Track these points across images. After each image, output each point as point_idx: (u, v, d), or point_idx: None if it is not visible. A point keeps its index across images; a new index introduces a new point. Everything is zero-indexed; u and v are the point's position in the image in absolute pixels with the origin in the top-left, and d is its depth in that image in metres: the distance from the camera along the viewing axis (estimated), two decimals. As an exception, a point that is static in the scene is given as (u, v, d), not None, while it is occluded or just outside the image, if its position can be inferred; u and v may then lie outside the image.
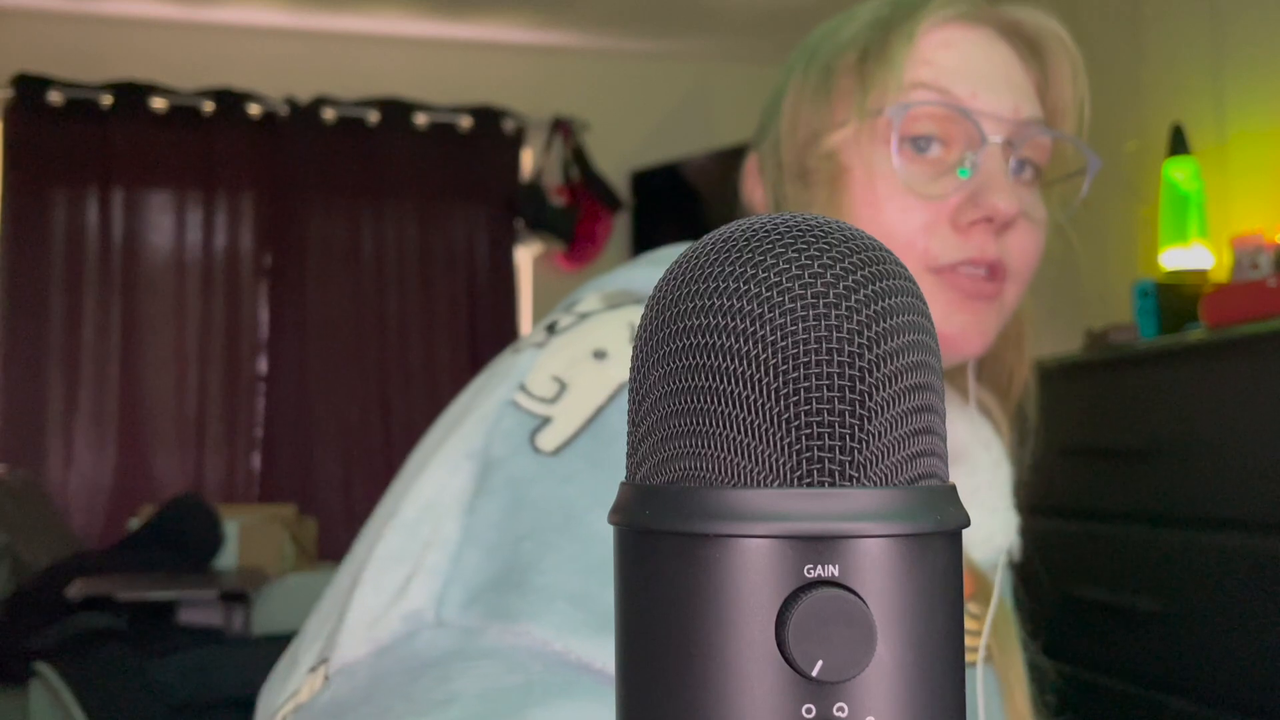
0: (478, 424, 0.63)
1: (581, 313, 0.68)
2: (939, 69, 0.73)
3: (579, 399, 0.62)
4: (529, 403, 0.63)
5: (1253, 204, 2.50)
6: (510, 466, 0.60)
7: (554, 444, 0.61)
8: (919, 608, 0.24)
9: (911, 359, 0.25)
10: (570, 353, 0.65)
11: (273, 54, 4.29)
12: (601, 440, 0.61)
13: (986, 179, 0.72)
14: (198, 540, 3.28)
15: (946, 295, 0.72)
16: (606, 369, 0.63)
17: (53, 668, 2.19)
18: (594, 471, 0.60)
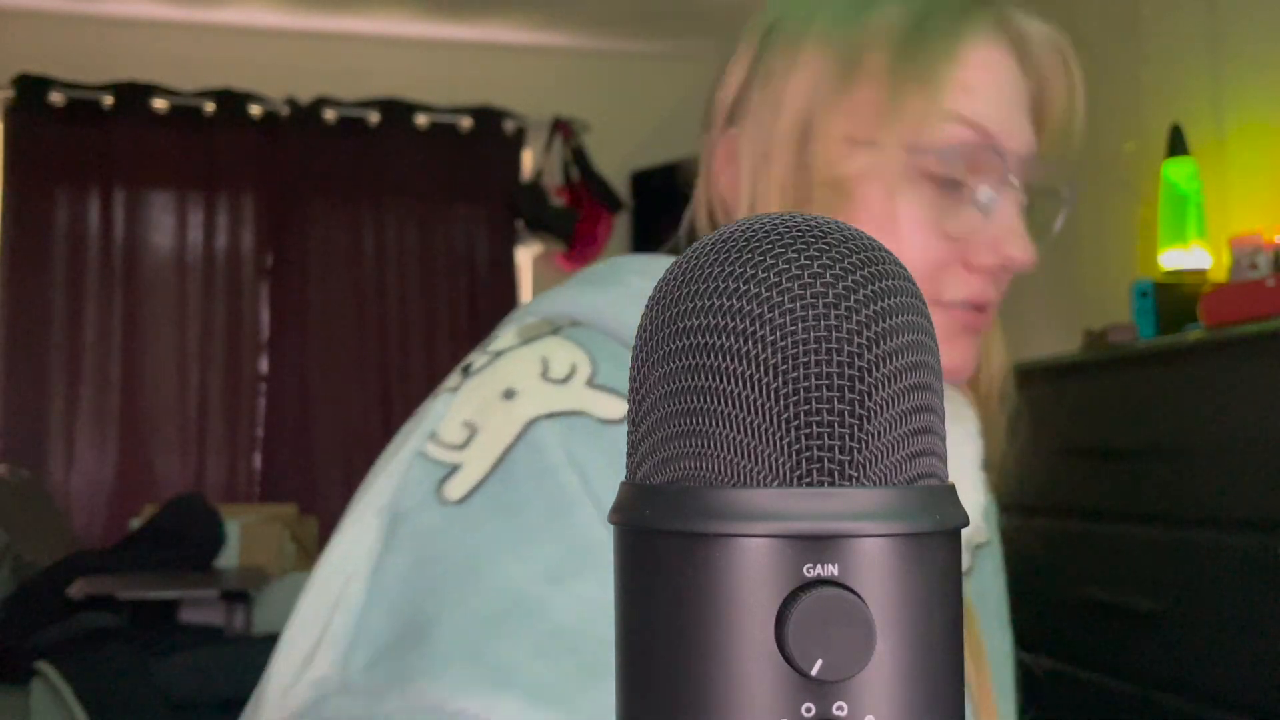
0: (388, 478, 0.63)
1: (496, 351, 0.66)
2: (977, 99, 0.69)
3: (487, 442, 0.61)
4: (438, 451, 0.62)
5: (1251, 204, 2.50)
6: (416, 519, 0.60)
7: (461, 492, 0.60)
8: (918, 607, 0.24)
9: (911, 359, 0.25)
10: (481, 395, 0.64)
11: (274, 55, 4.29)
12: (508, 482, 0.59)
13: (1005, 222, 0.70)
14: (198, 540, 3.28)
15: (944, 329, 0.71)
16: (514, 408, 0.62)
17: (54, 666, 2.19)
18: (499, 517, 0.58)
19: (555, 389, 0.62)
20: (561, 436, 0.60)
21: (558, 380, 0.63)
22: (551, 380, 0.63)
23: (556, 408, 0.61)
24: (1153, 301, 2.24)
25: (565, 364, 0.64)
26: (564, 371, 0.63)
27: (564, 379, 0.63)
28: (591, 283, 0.72)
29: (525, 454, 0.60)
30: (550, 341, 0.65)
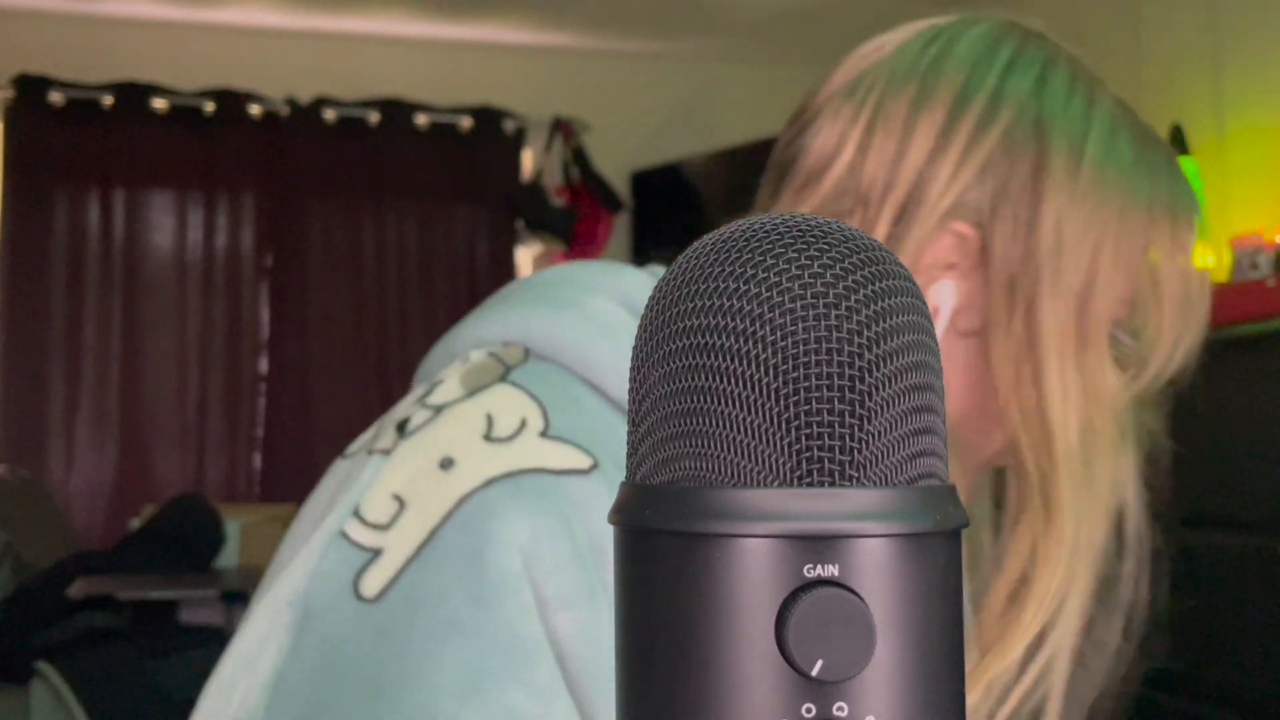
0: (304, 562, 0.55)
1: (437, 405, 0.59)
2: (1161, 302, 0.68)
3: (413, 523, 0.54)
4: (360, 533, 0.55)
5: (1252, 204, 2.50)
6: (326, 621, 0.53)
7: (378, 586, 0.53)
8: (919, 607, 0.24)
9: (911, 359, 0.25)
10: (415, 464, 0.56)
11: (273, 54, 4.29)
12: (428, 569, 0.52)
13: None
14: (198, 540, 3.28)
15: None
16: (449, 482, 0.54)
17: (54, 667, 2.19)
18: (413, 615, 0.51)
19: (500, 449, 0.55)
20: (506, 504, 0.53)
21: (504, 439, 0.55)
22: (496, 440, 0.55)
23: (501, 470, 0.54)
24: (1153, 301, 2.24)
25: (514, 418, 0.56)
26: (512, 428, 0.56)
27: (510, 436, 0.56)
28: (546, 301, 0.63)
29: (454, 534, 0.53)
30: (497, 392, 0.58)
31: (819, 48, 4.48)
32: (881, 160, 0.65)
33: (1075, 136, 0.65)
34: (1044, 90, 0.65)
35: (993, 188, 0.63)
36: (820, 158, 0.67)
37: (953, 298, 0.65)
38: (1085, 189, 0.64)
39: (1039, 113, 0.65)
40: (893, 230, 0.64)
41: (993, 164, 0.64)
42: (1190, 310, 0.68)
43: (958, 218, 0.64)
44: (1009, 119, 0.64)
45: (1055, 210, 0.63)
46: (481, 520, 0.53)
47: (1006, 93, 0.65)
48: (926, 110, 0.65)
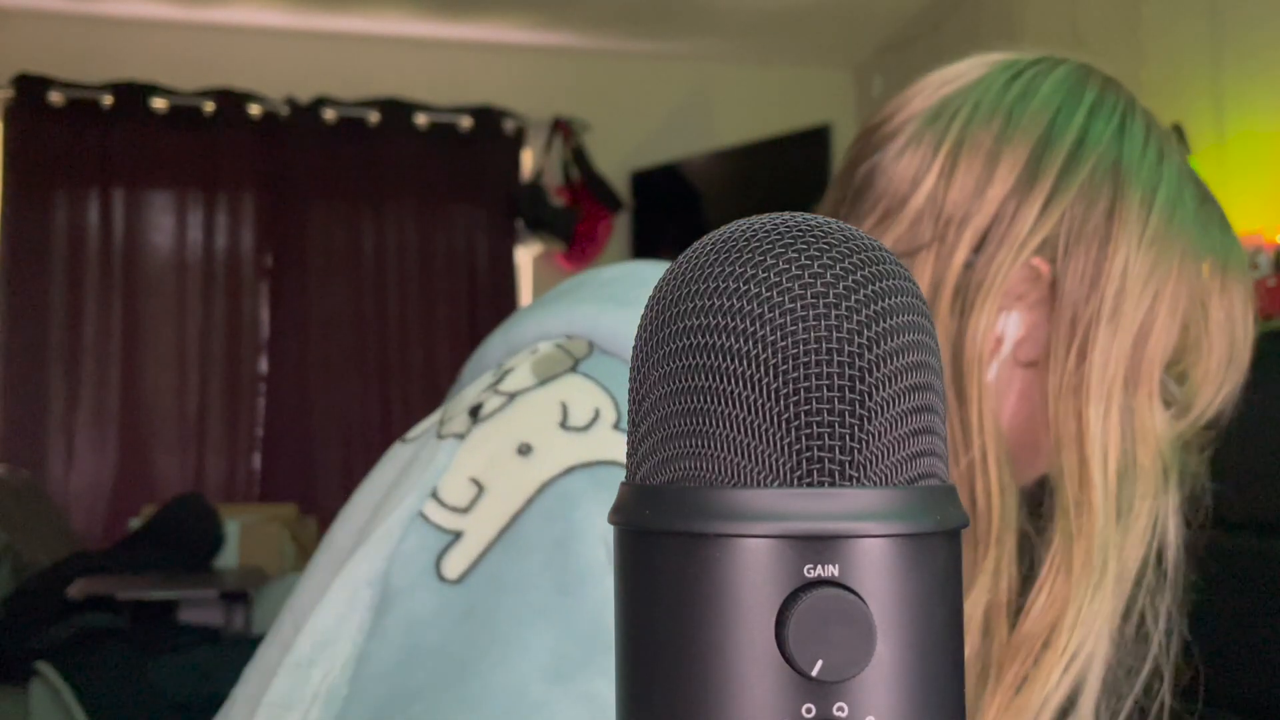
0: (382, 541, 0.56)
1: (510, 391, 0.59)
2: (1211, 351, 0.70)
3: (494, 507, 0.54)
4: (439, 515, 0.55)
5: (1252, 204, 2.50)
6: (408, 602, 0.53)
7: (460, 569, 0.53)
8: (919, 608, 0.24)
9: (911, 359, 0.25)
10: (492, 448, 0.56)
11: (273, 54, 4.29)
12: (513, 554, 0.53)
13: None
14: (198, 540, 3.28)
15: None
16: (529, 468, 0.55)
17: (53, 667, 2.19)
18: (498, 599, 0.52)
19: (577, 438, 0.56)
20: (586, 494, 0.54)
21: (579, 428, 0.56)
22: (572, 429, 0.56)
23: (579, 459, 0.55)
24: (1153, 301, 2.24)
25: (587, 408, 0.57)
26: (586, 418, 0.57)
27: (586, 426, 0.56)
28: (613, 300, 0.64)
29: (537, 521, 0.53)
30: (569, 381, 0.59)
31: (819, 48, 4.48)
32: (964, 190, 0.66)
33: (1148, 186, 0.67)
34: (1124, 138, 0.68)
35: (1068, 226, 0.65)
36: (902, 185, 0.68)
37: (1018, 329, 0.67)
38: (1152, 237, 0.66)
39: (1118, 158, 0.67)
40: (970, 258, 0.65)
41: (1074, 204, 0.66)
42: (1235, 359, 0.71)
43: (1036, 253, 0.66)
44: (1093, 162, 0.66)
45: (1124, 254, 0.65)
46: (564, 509, 0.53)
47: (1091, 136, 0.67)
48: (1011, 145, 0.66)
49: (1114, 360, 0.64)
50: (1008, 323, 0.67)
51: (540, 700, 0.50)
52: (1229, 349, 0.70)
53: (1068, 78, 0.69)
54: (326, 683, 0.53)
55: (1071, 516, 0.63)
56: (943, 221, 0.66)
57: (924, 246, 0.66)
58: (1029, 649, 0.63)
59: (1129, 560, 0.65)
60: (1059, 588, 0.63)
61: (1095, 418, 0.64)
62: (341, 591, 0.55)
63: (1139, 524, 0.65)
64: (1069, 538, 0.63)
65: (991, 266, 0.65)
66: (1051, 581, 0.63)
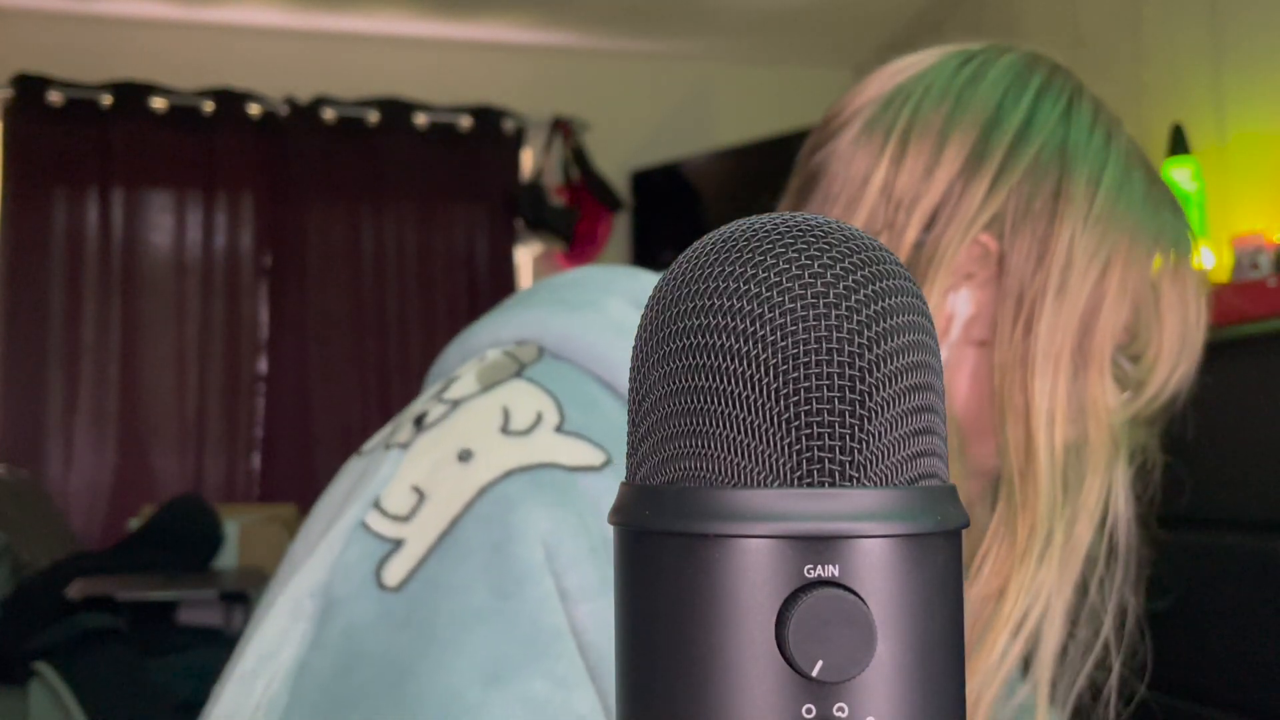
0: (324, 553, 0.56)
1: (454, 399, 0.60)
2: (1162, 332, 0.70)
3: (433, 513, 0.55)
4: (381, 524, 0.55)
5: (1253, 204, 2.50)
6: (348, 611, 0.53)
7: (399, 576, 0.53)
8: (919, 608, 0.24)
9: (911, 359, 0.25)
10: (434, 456, 0.57)
11: (273, 54, 4.29)
12: (451, 559, 0.53)
13: None
14: (198, 540, 3.28)
15: None
16: (468, 473, 0.55)
17: (53, 667, 2.19)
18: (436, 604, 0.52)
19: (517, 442, 0.56)
20: (526, 497, 0.54)
21: (520, 432, 0.57)
22: (513, 433, 0.57)
23: (519, 463, 0.55)
24: (1153, 301, 2.24)
25: (530, 412, 0.57)
26: (528, 421, 0.57)
27: (527, 430, 0.57)
28: (564, 304, 0.64)
29: (475, 526, 0.53)
30: (513, 386, 0.59)
31: (819, 48, 4.48)
32: (914, 173, 0.67)
33: (1095, 166, 0.68)
34: (1070, 119, 0.69)
35: (1016, 204, 0.67)
36: (857, 174, 0.70)
37: (968, 306, 0.68)
38: (1098, 216, 0.67)
39: (1064, 139, 0.68)
40: (920, 237, 0.67)
41: (1021, 183, 0.67)
42: (1187, 342, 0.72)
43: (985, 229, 0.67)
44: (1040, 142, 0.68)
45: (1070, 231, 0.66)
46: (502, 512, 0.54)
47: (1038, 118, 0.68)
48: (959, 127, 0.68)
49: (1060, 334, 0.66)
50: (958, 301, 0.68)
51: (476, 703, 0.50)
52: (1181, 331, 0.71)
53: (1015, 63, 0.71)
54: (268, 694, 0.54)
55: (1016, 487, 0.64)
56: (893, 204, 0.68)
57: (878, 232, 0.68)
58: (978, 618, 0.64)
59: (1080, 534, 0.66)
60: (1002, 557, 0.64)
61: (1041, 391, 0.65)
62: (285, 604, 0.56)
63: (1089, 499, 0.66)
64: (1013, 508, 0.64)
65: (940, 244, 0.66)
66: (995, 551, 0.64)
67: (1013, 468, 0.65)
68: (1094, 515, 0.67)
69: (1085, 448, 0.66)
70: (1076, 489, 0.66)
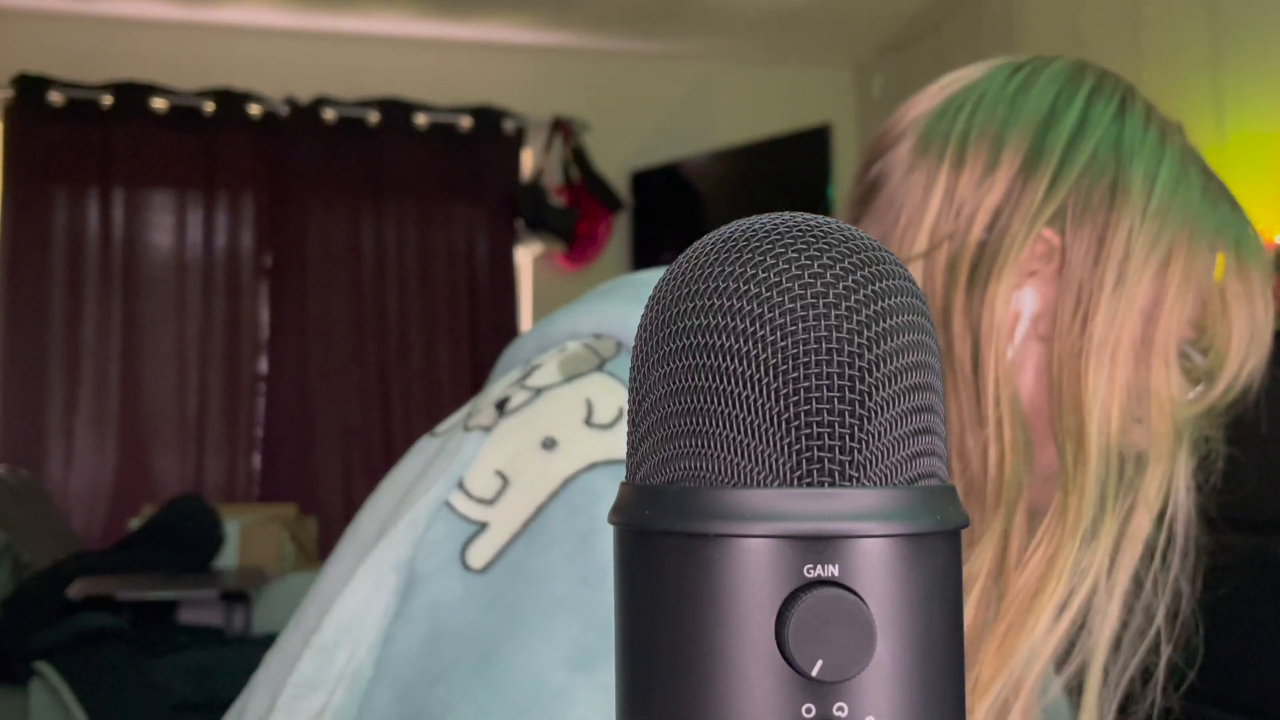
0: (408, 529, 0.57)
1: (536, 387, 0.61)
2: (1230, 326, 0.71)
3: (518, 499, 0.56)
4: (465, 505, 0.57)
5: (1252, 206, 2.50)
6: (434, 587, 0.55)
7: (485, 558, 0.55)
8: (919, 608, 0.24)
9: (911, 359, 0.25)
10: (517, 441, 0.58)
11: (273, 54, 4.29)
12: (538, 547, 0.54)
13: None
14: (198, 540, 3.28)
15: None
16: (553, 461, 0.56)
17: (53, 667, 2.19)
18: (522, 588, 0.53)
19: (600, 435, 0.57)
20: (609, 490, 0.55)
21: (603, 425, 0.58)
22: (596, 426, 0.58)
23: (602, 457, 0.56)
24: (1153, 302, 2.24)
25: (612, 407, 0.59)
26: (610, 416, 0.58)
27: (610, 424, 0.58)
28: (641, 300, 0.64)
29: (561, 515, 0.54)
30: (594, 380, 0.60)
31: (819, 48, 4.48)
32: (974, 175, 0.69)
33: (1151, 162, 0.69)
34: (1124, 118, 0.70)
35: (1075, 200, 0.68)
36: (917, 185, 0.71)
37: (1034, 303, 0.69)
38: (1156, 210, 0.68)
39: (1119, 137, 0.70)
40: (984, 236, 0.68)
41: (1080, 179, 0.68)
42: (1256, 334, 0.72)
43: (1048, 225, 0.68)
44: (1095, 140, 0.69)
45: (1128, 225, 0.67)
46: (588, 503, 0.55)
47: (1092, 117, 0.70)
48: (1016, 129, 0.69)
49: (1118, 326, 0.66)
50: (1023, 299, 0.69)
51: (561, 687, 0.51)
52: (1249, 324, 0.72)
53: (1065, 68, 0.72)
54: (352, 664, 0.55)
55: (1070, 475, 0.65)
56: (955, 208, 0.69)
57: (943, 238, 0.69)
58: (1023, 596, 0.64)
59: (1138, 524, 0.67)
60: (1053, 539, 0.65)
61: (1095, 381, 0.66)
62: (367, 576, 0.57)
63: (1150, 488, 0.67)
64: (1065, 495, 0.65)
65: (1005, 240, 0.67)
66: (1049, 534, 0.65)
67: (1067, 456, 0.66)
68: (1154, 505, 0.67)
69: (1144, 433, 0.67)
70: (1136, 478, 0.66)
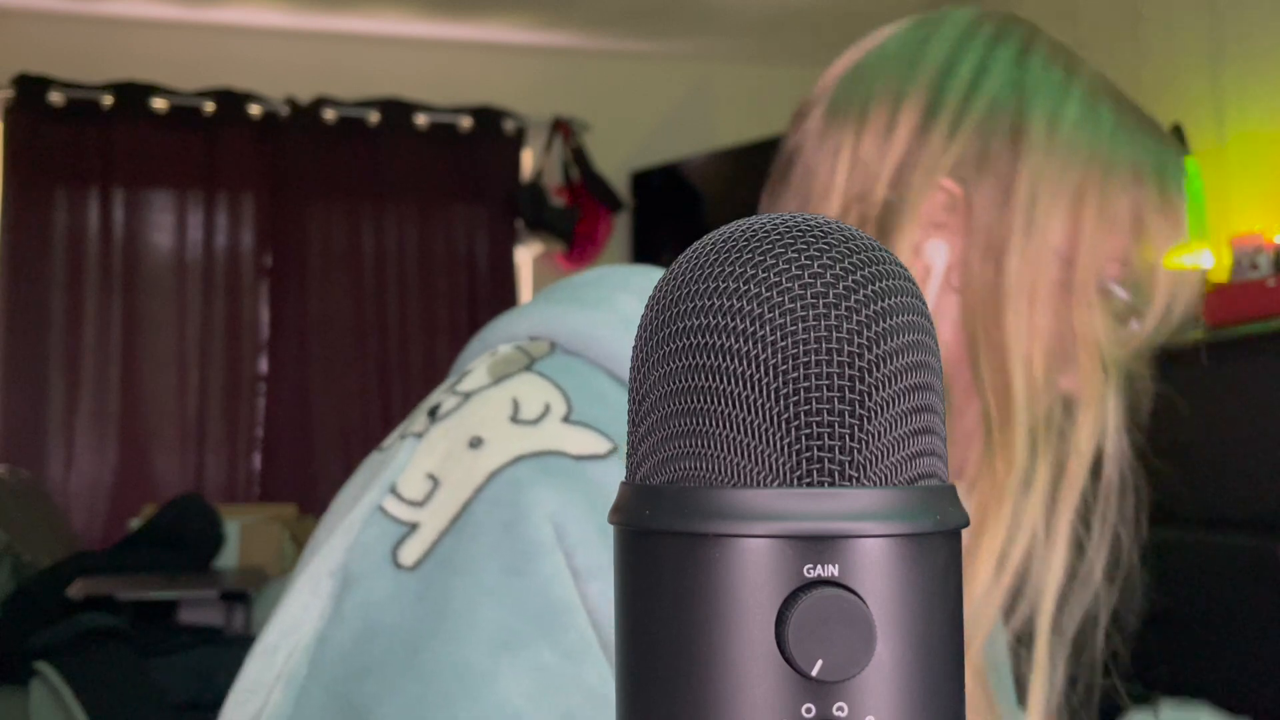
0: (343, 535, 0.59)
1: (465, 392, 0.62)
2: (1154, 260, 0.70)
3: (447, 498, 0.57)
4: (397, 508, 0.58)
5: (1252, 204, 2.50)
6: (365, 587, 0.56)
7: (415, 556, 0.56)
8: (919, 608, 0.24)
9: (911, 359, 0.25)
10: (446, 444, 0.59)
11: (273, 54, 4.29)
12: (464, 539, 0.55)
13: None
14: (198, 540, 3.28)
15: None
16: (479, 458, 0.57)
17: (54, 667, 2.19)
18: (448, 580, 0.54)
19: (526, 430, 0.58)
20: (534, 480, 0.56)
21: (529, 421, 0.59)
22: (522, 422, 0.59)
23: (528, 450, 0.57)
24: (1153, 301, 2.24)
25: (538, 403, 0.59)
26: (537, 412, 0.59)
27: (536, 419, 0.59)
28: (576, 301, 0.66)
29: (486, 508, 0.56)
30: (522, 379, 0.61)
31: (819, 48, 4.48)
32: (876, 137, 0.69)
33: (1054, 101, 0.69)
34: (1025, 60, 0.70)
35: (977, 148, 0.68)
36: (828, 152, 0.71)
37: (943, 256, 0.69)
38: (1063, 150, 0.68)
39: (1019, 80, 0.69)
40: (888, 195, 0.68)
41: (979, 127, 0.68)
42: (1183, 269, 0.72)
43: (949, 175, 0.68)
44: (994, 86, 0.69)
45: (1031, 169, 0.67)
46: (512, 494, 0.56)
47: (992, 64, 0.70)
48: (914, 84, 0.69)
49: (1032, 269, 0.66)
50: (933, 252, 0.69)
51: (486, 671, 0.52)
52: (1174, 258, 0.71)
53: (965, 17, 0.73)
54: (289, 665, 0.56)
55: (995, 422, 0.65)
56: (861, 172, 0.69)
57: (853, 200, 0.70)
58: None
59: (1074, 471, 0.67)
60: (984, 490, 0.64)
61: (1015, 327, 0.65)
62: (306, 583, 0.58)
63: (1082, 435, 0.67)
64: (992, 448, 0.65)
65: (908, 194, 0.67)
66: (979, 489, 0.65)
67: (991, 407, 0.65)
68: (1086, 450, 0.67)
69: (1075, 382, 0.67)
70: (1067, 425, 0.66)
